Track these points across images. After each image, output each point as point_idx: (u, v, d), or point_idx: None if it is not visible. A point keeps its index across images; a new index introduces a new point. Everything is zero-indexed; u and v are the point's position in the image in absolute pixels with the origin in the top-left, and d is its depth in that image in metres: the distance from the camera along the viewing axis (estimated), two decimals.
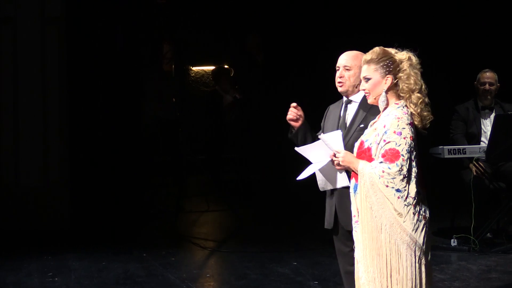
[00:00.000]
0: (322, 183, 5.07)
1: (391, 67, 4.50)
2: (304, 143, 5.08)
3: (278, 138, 11.61)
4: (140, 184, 10.67)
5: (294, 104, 5.18)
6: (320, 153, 4.81)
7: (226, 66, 12.72)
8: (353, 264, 4.67)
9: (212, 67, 12.91)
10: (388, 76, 4.50)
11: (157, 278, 7.40)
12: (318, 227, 5.53)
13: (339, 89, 5.17)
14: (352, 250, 4.68)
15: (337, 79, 5.15)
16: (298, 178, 4.98)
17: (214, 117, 12.03)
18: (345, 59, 5.14)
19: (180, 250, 8.55)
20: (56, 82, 9.57)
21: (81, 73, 9.93)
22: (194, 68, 13.36)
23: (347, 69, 5.11)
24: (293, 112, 5.16)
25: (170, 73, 11.14)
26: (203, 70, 13.38)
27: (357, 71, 4.99)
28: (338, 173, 4.92)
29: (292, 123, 5.18)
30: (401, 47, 4.59)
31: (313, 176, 4.97)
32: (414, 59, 4.55)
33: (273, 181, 11.16)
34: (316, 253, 8.05)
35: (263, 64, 12.17)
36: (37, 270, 7.69)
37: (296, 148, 5.00)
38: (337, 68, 5.17)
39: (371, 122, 4.66)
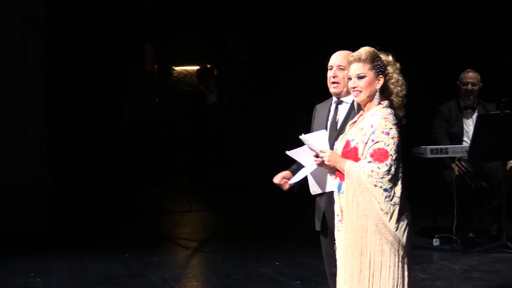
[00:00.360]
0: (313, 187, 5.02)
1: (383, 68, 4.50)
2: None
3: (263, 138, 11.69)
4: (122, 184, 10.62)
5: (276, 181, 5.06)
6: (311, 156, 4.75)
7: (208, 66, 12.71)
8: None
9: (195, 67, 12.88)
10: (380, 76, 4.50)
11: (139, 278, 7.37)
12: (301, 228, 5.53)
13: (334, 90, 5.02)
14: None
15: (331, 79, 5.01)
16: (290, 182, 4.97)
17: (198, 116, 12.01)
18: (339, 58, 5.00)
19: (162, 250, 8.52)
20: (36, 82, 9.51)
21: (62, 73, 9.87)
22: (177, 68, 13.33)
23: (341, 69, 4.96)
24: (283, 186, 5.06)
25: (153, 73, 11.11)
26: (185, 70, 13.35)
27: None
28: (328, 176, 4.88)
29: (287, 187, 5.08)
30: (382, 49, 4.58)
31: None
32: (396, 63, 4.57)
33: (256, 182, 11.15)
34: (298, 253, 8.03)
35: (247, 64, 12.17)
36: (17, 270, 7.63)
37: (287, 152, 4.92)
38: (329, 68, 5.03)
39: (350, 122, 4.65)
